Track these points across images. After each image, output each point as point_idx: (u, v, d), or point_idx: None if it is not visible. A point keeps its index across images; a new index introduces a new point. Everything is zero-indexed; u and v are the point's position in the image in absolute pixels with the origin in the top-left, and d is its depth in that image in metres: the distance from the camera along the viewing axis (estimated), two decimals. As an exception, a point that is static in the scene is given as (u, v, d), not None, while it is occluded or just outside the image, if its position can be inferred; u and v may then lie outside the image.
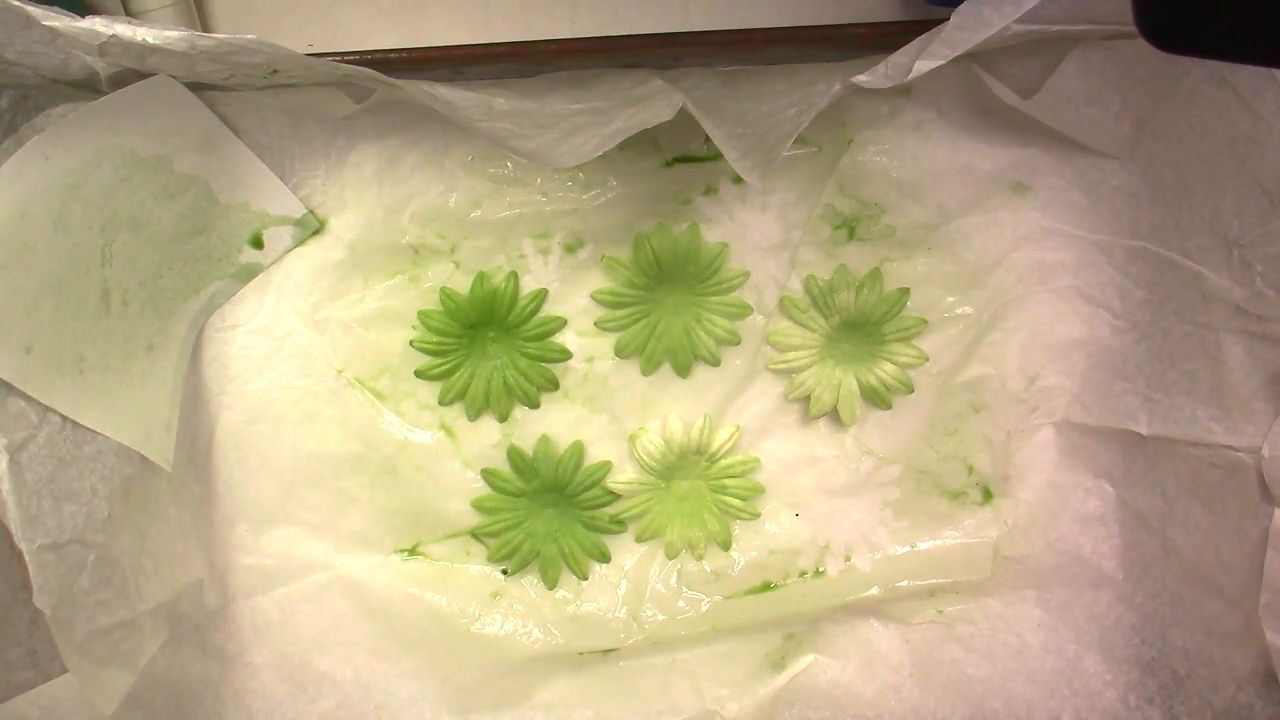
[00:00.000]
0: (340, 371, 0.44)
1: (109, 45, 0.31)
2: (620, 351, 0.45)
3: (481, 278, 0.43)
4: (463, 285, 0.44)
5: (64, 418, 0.37)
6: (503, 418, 0.45)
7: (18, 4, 0.30)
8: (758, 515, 0.46)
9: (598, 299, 0.44)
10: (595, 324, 0.44)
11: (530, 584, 0.46)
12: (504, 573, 0.46)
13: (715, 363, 0.45)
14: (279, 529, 0.45)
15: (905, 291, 0.44)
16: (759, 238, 0.44)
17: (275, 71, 0.36)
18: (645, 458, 0.45)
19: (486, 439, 0.45)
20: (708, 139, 0.42)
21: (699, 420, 0.45)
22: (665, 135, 0.43)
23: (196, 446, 0.44)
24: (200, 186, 0.41)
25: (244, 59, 0.33)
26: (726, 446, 0.45)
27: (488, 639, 0.45)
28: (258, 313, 0.44)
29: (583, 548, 0.46)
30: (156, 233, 0.40)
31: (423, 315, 0.44)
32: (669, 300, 0.44)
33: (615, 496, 0.46)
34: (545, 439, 0.45)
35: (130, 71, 0.35)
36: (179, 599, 0.41)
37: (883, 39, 0.38)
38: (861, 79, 0.34)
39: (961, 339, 0.45)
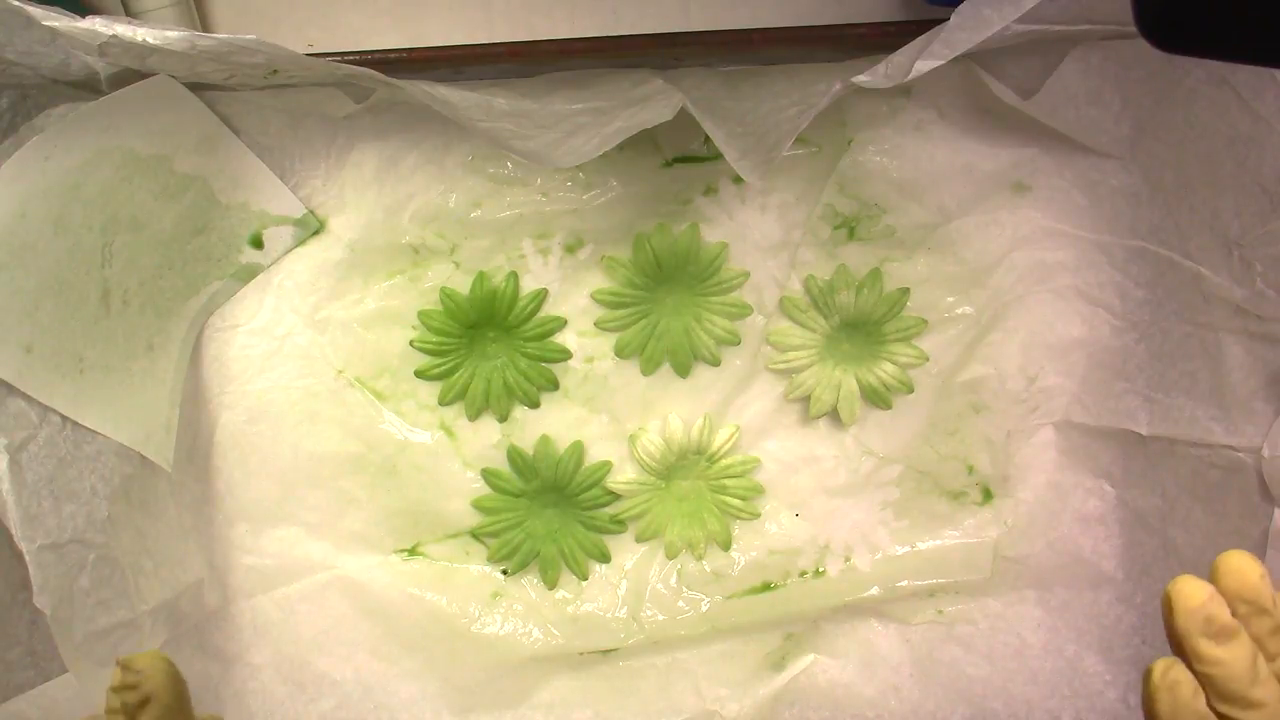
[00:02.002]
0: (340, 371, 0.44)
1: (109, 45, 0.31)
2: (620, 351, 0.45)
3: (481, 278, 0.43)
4: (463, 285, 0.44)
5: (64, 418, 0.37)
6: (503, 418, 0.45)
7: (18, 4, 0.30)
8: (758, 515, 0.46)
9: (598, 299, 0.44)
10: (595, 324, 0.44)
11: (530, 584, 0.46)
12: (504, 573, 0.46)
13: (715, 363, 0.45)
14: (279, 529, 0.45)
15: (905, 291, 0.44)
16: (759, 238, 0.44)
17: (275, 71, 0.36)
18: (645, 458, 0.45)
19: (486, 439, 0.45)
20: (708, 139, 0.42)
21: (699, 420, 0.45)
22: (665, 135, 0.43)
23: (196, 446, 0.44)
24: (200, 186, 0.41)
25: (244, 59, 0.33)
26: (726, 446, 0.45)
27: (488, 639, 0.45)
28: (258, 313, 0.44)
29: (583, 548, 0.46)
30: (156, 233, 0.40)
31: (423, 315, 0.44)
32: (669, 300, 0.44)
33: (615, 496, 0.46)
34: (545, 439, 0.45)
35: (130, 71, 0.35)
36: (179, 599, 0.41)
37: (883, 39, 0.38)
38: (861, 79, 0.34)
39: (961, 339, 0.45)
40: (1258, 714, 0.22)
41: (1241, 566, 0.23)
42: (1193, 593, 0.23)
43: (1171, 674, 0.23)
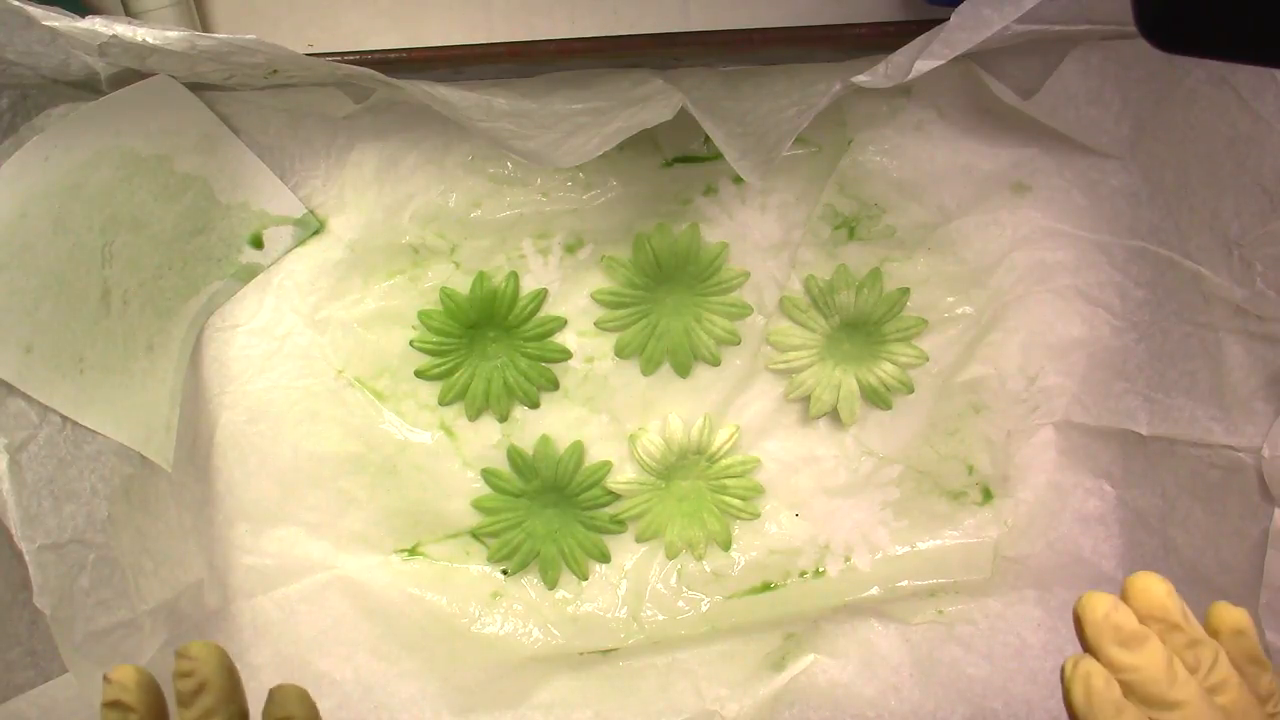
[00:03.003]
0: (340, 371, 0.44)
1: (109, 45, 0.31)
2: (620, 351, 0.45)
3: (481, 278, 0.43)
4: (463, 285, 0.44)
5: (64, 418, 0.37)
6: (503, 418, 0.45)
7: (18, 4, 0.30)
8: (758, 515, 0.46)
9: (598, 299, 0.44)
10: (595, 324, 0.44)
11: (530, 584, 0.46)
12: (504, 573, 0.46)
13: (715, 363, 0.45)
14: (279, 529, 0.45)
15: (905, 291, 0.44)
16: (759, 238, 0.44)
17: (275, 71, 0.36)
18: (645, 458, 0.45)
19: (486, 439, 0.45)
20: (708, 139, 0.42)
21: (699, 420, 0.45)
22: (665, 135, 0.43)
23: (196, 446, 0.44)
24: (200, 186, 0.41)
25: (244, 59, 0.33)
26: (726, 446, 0.45)
27: (488, 639, 0.45)
28: (258, 313, 0.44)
29: (583, 548, 0.46)
30: (156, 233, 0.40)
31: (423, 315, 0.44)
32: (669, 300, 0.44)
33: (615, 496, 0.46)
34: (545, 439, 0.45)
35: (130, 71, 0.35)
36: (179, 599, 0.41)
37: (883, 39, 0.38)
38: (861, 79, 0.34)
39: (961, 339, 0.45)
40: (1180, 714, 0.23)
41: (1147, 585, 0.24)
42: (1097, 604, 0.24)
43: (1082, 666, 0.23)
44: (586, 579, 0.46)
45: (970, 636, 0.46)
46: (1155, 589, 0.24)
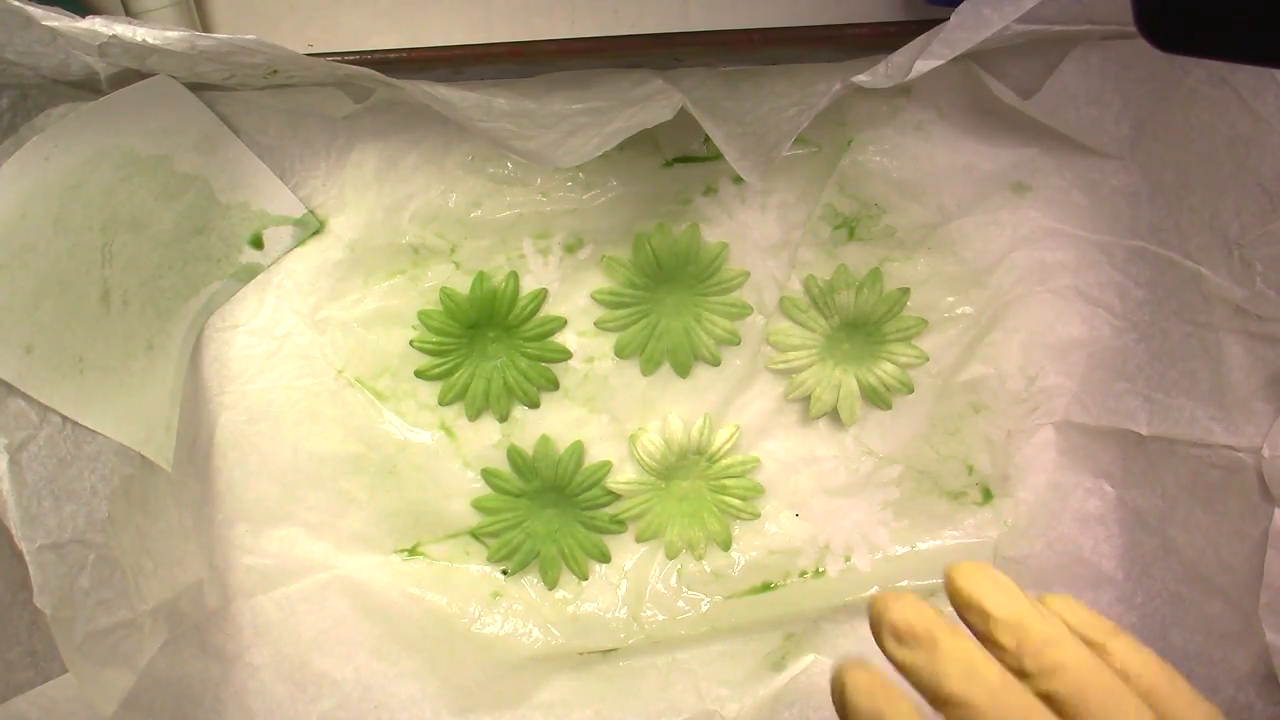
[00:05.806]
0: (340, 371, 0.44)
1: (109, 45, 0.31)
2: (620, 351, 0.45)
3: (481, 278, 0.43)
4: (463, 285, 0.44)
5: (64, 418, 0.37)
6: (503, 418, 0.45)
7: (18, 4, 0.30)
8: (758, 515, 0.46)
9: (598, 299, 0.44)
10: (595, 324, 0.44)
11: (530, 584, 0.46)
12: (504, 573, 0.46)
13: (715, 363, 0.45)
14: (279, 529, 0.45)
15: (905, 291, 0.44)
16: (759, 238, 0.44)
17: (275, 71, 0.36)
18: (645, 458, 0.45)
19: (486, 439, 0.45)
20: (708, 139, 0.42)
21: (699, 420, 0.45)
22: (665, 135, 0.43)
23: (196, 446, 0.44)
24: (200, 186, 0.41)
25: (244, 59, 0.33)
26: (726, 446, 0.45)
27: (488, 639, 0.45)
28: (258, 313, 0.44)
29: (583, 548, 0.46)
30: (156, 233, 0.40)
31: (423, 315, 0.44)
32: (669, 300, 0.44)
33: (615, 496, 0.46)
34: (545, 439, 0.45)
35: (130, 71, 0.35)
36: (179, 599, 0.41)
37: (883, 39, 0.38)
38: (861, 79, 0.34)
39: (961, 339, 0.45)
40: (965, 711, 0.21)
41: (950, 577, 0.24)
42: (880, 604, 0.24)
43: (844, 673, 0.23)
44: (586, 579, 0.46)
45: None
46: (957, 579, 0.24)
